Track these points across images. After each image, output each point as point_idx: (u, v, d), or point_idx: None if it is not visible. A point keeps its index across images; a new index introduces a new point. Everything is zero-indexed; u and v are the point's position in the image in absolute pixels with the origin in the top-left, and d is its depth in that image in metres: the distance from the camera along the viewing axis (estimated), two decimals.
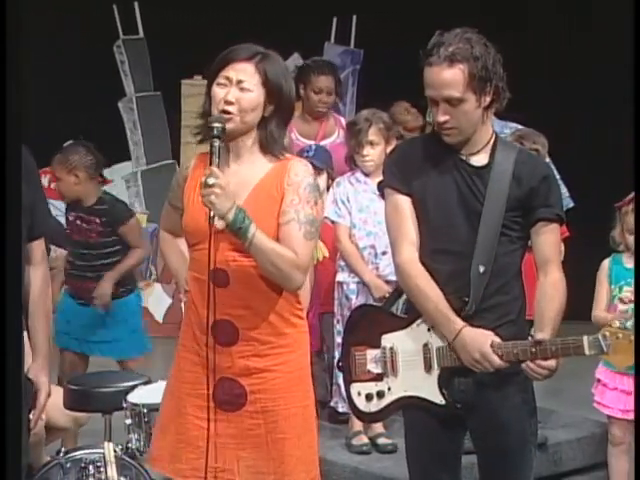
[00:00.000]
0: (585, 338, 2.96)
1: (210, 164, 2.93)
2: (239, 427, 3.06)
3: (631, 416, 4.34)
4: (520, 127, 5.12)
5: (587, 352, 2.95)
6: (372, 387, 3.23)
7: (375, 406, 3.24)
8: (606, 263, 4.72)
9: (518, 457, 3.19)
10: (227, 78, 3.01)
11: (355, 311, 3.55)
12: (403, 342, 3.17)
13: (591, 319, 4.70)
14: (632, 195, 4.44)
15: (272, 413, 3.06)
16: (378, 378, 3.23)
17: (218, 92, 3.01)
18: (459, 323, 3.07)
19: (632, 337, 2.91)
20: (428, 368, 3.13)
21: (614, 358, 2.97)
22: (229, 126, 2.99)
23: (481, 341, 3.04)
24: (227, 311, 3.01)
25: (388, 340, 3.20)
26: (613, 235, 4.68)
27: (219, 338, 3.03)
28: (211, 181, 2.88)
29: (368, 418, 3.37)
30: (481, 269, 3.08)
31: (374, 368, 3.23)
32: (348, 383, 3.31)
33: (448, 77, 3.04)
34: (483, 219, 3.08)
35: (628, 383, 4.51)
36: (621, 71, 5.22)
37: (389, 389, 3.21)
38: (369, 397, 3.24)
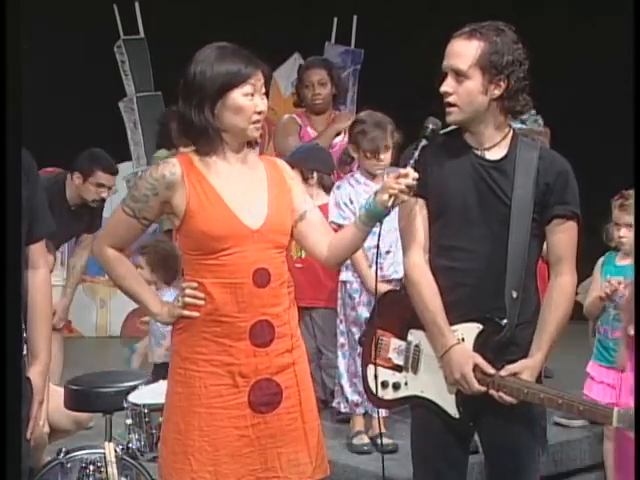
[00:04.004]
0: (615, 410, 2.87)
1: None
2: (277, 425, 3.09)
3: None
4: (523, 126, 5.11)
5: (615, 424, 2.87)
6: (389, 375, 3.22)
7: (389, 395, 3.24)
8: (601, 260, 4.75)
9: (526, 458, 3.17)
10: (253, 88, 3.04)
11: (391, 293, 3.48)
12: (430, 344, 3.14)
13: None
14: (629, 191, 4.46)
15: (305, 403, 3.14)
16: (397, 369, 3.21)
17: (247, 104, 3.03)
18: (451, 340, 3.06)
19: None
20: None
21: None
22: (257, 135, 3.09)
23: (464, 362, 3.03)
24: (264, 311, 3.05)
25: (415, 336, 3.18)
26: (607, 228, 4.68)
27: (256, 340, 3.05)
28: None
29: (380, 404, 3.36)
30: (514, 294, 3.05)
31: (395, 358, 3.22)
32: (366, 363, 3.30)
33: (461, 48, 3.04)
34: (511, 244, 3.05)
35: (614, 377, 4.55)
36: (621, 68, 5.21)
37: (406, 384, 3.20)
38: (384, 385, 3.22)
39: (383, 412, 4.75)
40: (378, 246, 3.16)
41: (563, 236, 3.11)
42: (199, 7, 8.65)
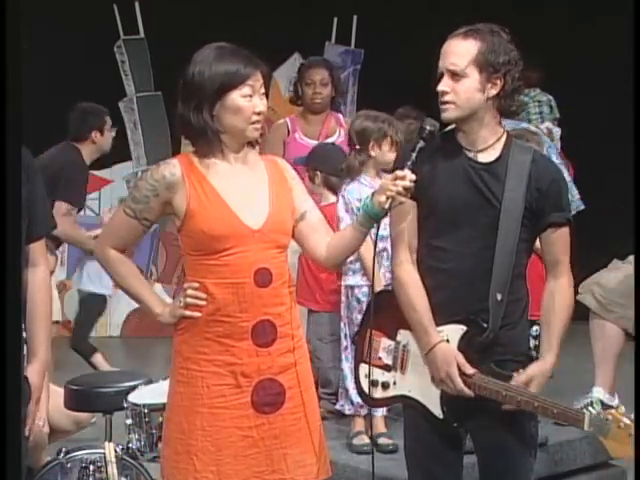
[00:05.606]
0: (587, 415, 2.90)
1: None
2: (281, 426, 3.09)
3: None
4: (523, 125, 5.11)
5: (586, 428, 2.89)
6: (379, 374, 3.24)
7: (378, 394, 3.25)
8: None
9: (517, 458, 3.18)
10: (252, 88, 3.04)
11: (385, 293, 3.47)
12: (417, 345, 3.16)
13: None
14: None
15: (309, 404, 3.15)
16: (386, 368, 3.23)
17: (246, 105, 3.03)
18: (435, 338, 3.07)
19: (632, 432, 2.82)
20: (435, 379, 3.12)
21: (609, 444, 2.88)
22: (257, 135, 3.09)
23: (449, 361, 3.04)
24: (266, 311, 3.05)
25: (404, 337, 3.19)
26: None
27: (258, 340, 3.06)
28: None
29: (370, 402, 3.37)
30: (499, 297, 3.06)
31: (385, 358, 3.23)
32: (358, 361, 3.32)
33: (458, 47, 3.05)
34: (498, 247, 3.05)
35: None
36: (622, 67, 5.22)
37: (394, 383, 3.22)
38: (374, 383, 3.24)
39: (384, 411, 4.77)
40: (376, 245, 3.18)
41: (559, 242, 3.13)
42: (199, 7, 8.65)
